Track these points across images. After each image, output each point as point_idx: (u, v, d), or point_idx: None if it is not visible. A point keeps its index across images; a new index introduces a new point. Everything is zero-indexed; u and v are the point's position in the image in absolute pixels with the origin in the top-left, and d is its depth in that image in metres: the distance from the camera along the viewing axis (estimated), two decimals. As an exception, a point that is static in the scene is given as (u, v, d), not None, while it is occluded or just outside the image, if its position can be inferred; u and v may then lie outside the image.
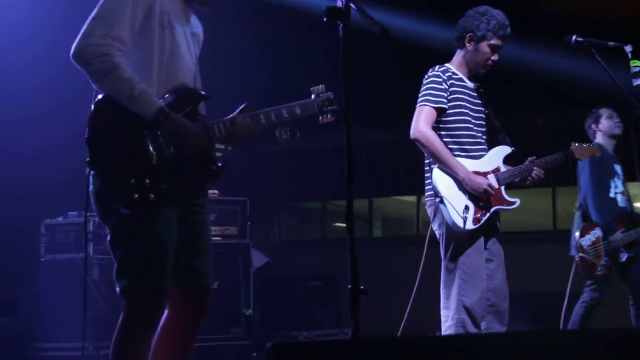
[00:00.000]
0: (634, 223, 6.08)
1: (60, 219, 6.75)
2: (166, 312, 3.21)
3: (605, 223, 5.98)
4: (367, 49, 6.81)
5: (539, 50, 7.63)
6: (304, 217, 13.16)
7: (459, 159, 4.39)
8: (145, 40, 3.06)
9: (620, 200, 6.11)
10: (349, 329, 2.56)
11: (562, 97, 8.79)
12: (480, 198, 4.36)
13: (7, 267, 6.96)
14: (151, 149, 3.01)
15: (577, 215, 6.17)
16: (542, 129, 9.35)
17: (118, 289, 3.04)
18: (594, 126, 6.26)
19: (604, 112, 6.21)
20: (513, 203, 4.49)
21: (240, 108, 3.28)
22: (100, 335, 6.05)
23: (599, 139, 6.25)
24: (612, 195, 6.09)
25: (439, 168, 4.39)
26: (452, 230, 4.36)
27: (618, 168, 6.19)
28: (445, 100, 4.42)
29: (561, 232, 10.39)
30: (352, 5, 2.58)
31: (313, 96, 3.43)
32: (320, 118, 3.44)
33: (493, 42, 4.45)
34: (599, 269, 5.92)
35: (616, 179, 6.14)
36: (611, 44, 4.17)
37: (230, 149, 3.74)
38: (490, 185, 4.34)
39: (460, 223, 4.29)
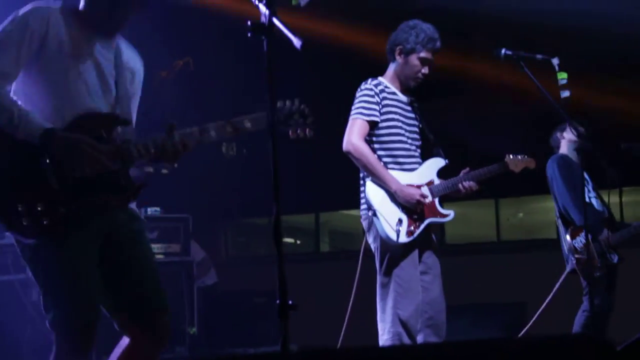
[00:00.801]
0: (614, 225, 6.10)
1: (-3, 239, 6.61)
2: (126, 341, 3.16)
3: (589, 225, 5.70)
4: (314, 63, 6.86)
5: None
6: (250, 232, 13.12)
7: (392, 172, 4.41)
8: (42, 71, 2.99)
9: (596, 204, 6.09)
10: (295, 344, 2.55)
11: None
12: (413, 210, 4.38)
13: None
14: (47, 172, 2.90)
15: (559, 223, 6.12)
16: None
17: (47, 321, 2.98)
18: (559, 134, 6.24)
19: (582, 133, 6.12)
20: (446, 215, 4.53)
21: (168, 127, 3.15)
22: (37, 358, 5.94)
23: (563, 147, 6.25)
24: (587, 200, 5.99)
25: (372, 181, 4.41)
26: (385, 243, 4.37)
27: (586, 175, 6.10)
28: (377, 113, 4.45)
29: (504, 242, 10.55)
30: (274, 20, 2.58)
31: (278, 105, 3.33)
32: (290, 132, 3.38)
33: (422, 54, 4.50)
34: (596, 270, 5.81)
35: (587, 184, 6.07)
36: (539, 56, 4.26)
37: (164, 171, 3.63)
38: (422, 196, 4.37)
39: (393, 236, 4.30)
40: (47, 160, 2.91)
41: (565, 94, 4.14)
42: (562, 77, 4.15)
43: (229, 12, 7.48)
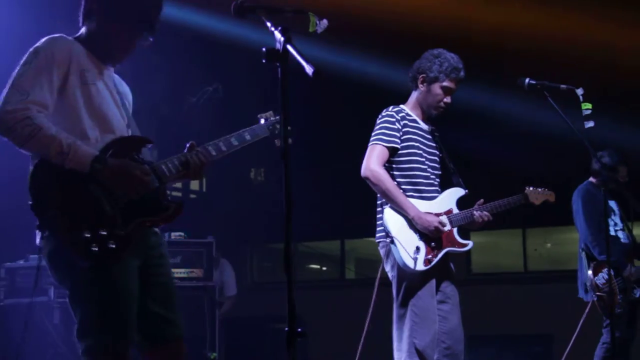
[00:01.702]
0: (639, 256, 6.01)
1: (21, 262, 6.66)
2: None
3: (614, 260, 5.75)
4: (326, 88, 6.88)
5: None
6: (276, 258, 13.11)
7: (411, 199, 4.37)
8: (69, 100, 3.04)
9: (622, 237, 6.02)
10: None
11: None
12: (431, 238, 4.34)
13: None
14: (101, 199, 2.95)
15: (582, 256, 6.01)
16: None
17: (81, 349, 2.96)
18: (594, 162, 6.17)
19: (606, 165, 5.94)
20: (465, 245, 4.47)
21: (188, 146, 3.26)
22: (57, 382, 5.96)
23: (593, 178, 6.16)
24: (612, 233, 5.98)
25: (390, 207, 4.37)
26: (403, 272, 4.32)
27: (613, 204, 6.09)
28: (397, 140, 4.42)
29: (531, 272, 10.45)
30: (289, 47, 2.58)
31: (262, 121, 3.44)
32: (276, 141, 3.43)
33: (445, 84, 4.47)
34: (617, 306, 5.73)
35: (612, 216, 6.04)
36: (563, 86, 4.22)
37: (192, 195, 3.66)
38: (441, 223, 4.33)
39: (411, 263, 4.26)
40: (99, 187, 2.95)
41: (590, 124, 4.10)
42: (587, 107, 4.11)
43: (254, 40, 7.54)
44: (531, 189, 4.78)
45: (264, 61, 2.63)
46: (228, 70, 9.49)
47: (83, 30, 3.24)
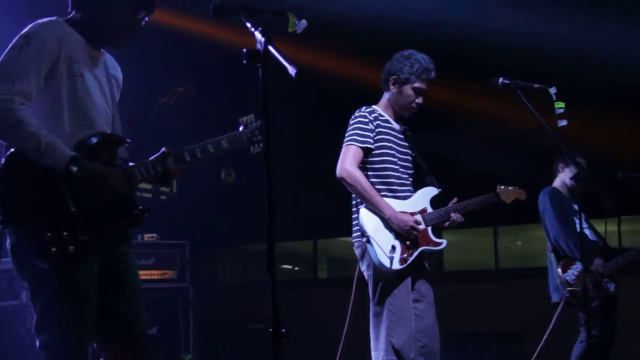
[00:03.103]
0: (609, 254, 6.08)
1: (-7, 265, 6.59)
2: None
3: (582, 256, 5.77)
4: (305, 88, 6.89)
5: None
6: (247, 259, 13.08)
7: (386, 199, 4.40)
8: (53, 90, 3.01)
9: (589, 235, 6.09)
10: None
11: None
12: (406, 237, 4.37)
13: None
14: (68, 199, 2.94)
15: (552, 257, 6.10)
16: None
17: (37, 343, 2.96)
18: (559, 165, 6.26)
19: (571, 171, 6.09)
20: (439, 244, 4.52)
21: (161, 152, 3.23)
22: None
23: (557, 181, 6.29)
24: (578, 230, 6.07)
25: (366, 207, 4.40)
26: (379, 271, 4.35)
27: (576, 206, 6.06)
28: (371, 140, 4.46)
29: (503, 270, 10.52)
30: (270, 48, 2.59)
31: (241, 127, 3.40)
32: (251, 148, 3.41)
33: (416, 85, 4.51)
34: (592, 300, 5.80)
35: (578, 217, 6.13)
36: (536, 85, 4.27)
37: (162, 197, 3.63)
38: (416, 222, 4.36)
39: (387, 262, 4.29)
40: (66, 187, 2.93)
41: (563, 123, 4.14)
42: (560, 106, 4.15)
43: (229, 41, 7.52)
44: (502, 187, 4.85)
45: (244, 62, 2.63)
46: (200, 71, 9.46)
47: (74, 14, 3.17)
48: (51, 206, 2.92)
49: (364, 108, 4.55)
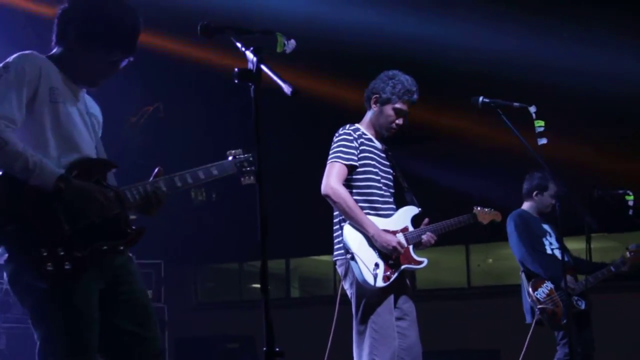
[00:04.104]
0: (581, 271, 6.12)
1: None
2: None
3: (551, 275, 5.97)
4: (277, 108, 6.90)
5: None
6: (220, 278, 13.03)
7: (369, 217, 4.39)
8: (35, 118, 2.99)
9: (559, 254, 5.98)
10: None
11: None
12: (389, 256, 4.38)
13: None
14: (61, 218, 2.91)
15: (523, 276, 6.13)
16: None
17: None
18: (535, 193, 6.27)
19: (552, 187, 6.15)
20: (421, 262, 4.52)
21: (155, 172, 3.22)
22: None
23: (526, 204, 6.33)
24: (549, 251, 6.12)
25: (349, 224, 4.41)
26: (362, 288, 4.34)
27: (546, 227, 6.23)
28: (355, 158, 4.44)
29: (475, 288, 10.60)
30: (262, 67, 2.60)
31: (230, 158, 3.41)
32: (242, 179, 3.41)
33: (397, 105, 4.51)
34: (562, 317, 5.86)
35: (548, 237, 6.18)
36: (516, 104, 4.30)
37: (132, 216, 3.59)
38: (399, 243, 4.37)
39: (371, 280, 4.26)
40: (60, 207, 2.90)
41: (543, 141, 4.18)
42: (539, 124, 4.19)
43: (201, 60, 7.52)
44: (479, 208, 4.88)
45: (236, 81, 2.63)
46: (169, 89, 9.43)
47: (56, 50, 3.18)
48: (45, 224, 2.89)
49: (347, 126, 4.54)
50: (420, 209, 4.60)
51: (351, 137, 4.47)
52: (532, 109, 4.23)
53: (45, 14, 6.98)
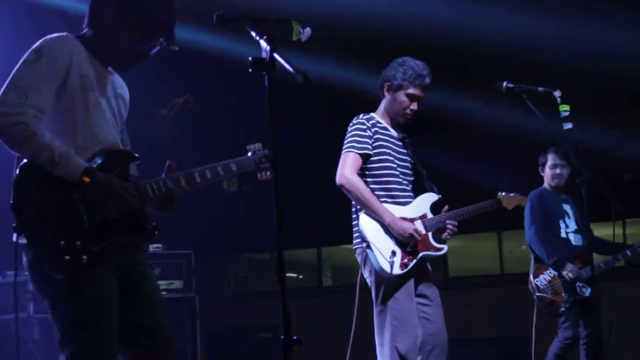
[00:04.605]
0: (602, 252, 6.15)
1: (-1, 277, 6.60)
2: None
3: (553, 261, 5.97)
4: (308, 97, 6.89)
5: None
6: (253, 268, 13.08)
7: (385, 205, 4.42)
8: (66, 104, 3.00)
9: (574, 239, 6.12)
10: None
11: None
12: (406, 243, 4.37)
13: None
14: (81, 210, 2.93)
15: (531, 258, 6.18)
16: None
17: (63, 358, 2.96)
18: (540, 168, 6.33)
19: (550, 159, 6.25)
20: (440, 249, 4.51)
21: (167, 165, 3.23)
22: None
23: (545, 182, 6.32)
24: (562, 235, 6.11)
25: (365, 213, 4.41)
26: (380, 276, 4.36)
27: (567, 207, 6.21)
28: (369, 147, 4.47)
29: (508, 275, 10.52)
30: (276, 55, 2.59)
31: (249, 153, 3.41)
32: (259, 175, 3.42)
33: (409, 91, 4.51)
34: (561, 305, 5.90)
35: (566, 219, 6.16)
36: (541, 89, 4.26)
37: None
38: (416, 230, 4.37)
39: (387, 268, 4.29)
40: (81, 199, 2.93)
41: (568, 126, 4.14)
42: (564, 109, 4.15)
43: (229, 52, 7.50)
44: (503, 194, 4.84)
45: (250, 70, 2.64)
46: (199, 81, 9.46)
47: (88, 31, 3.17)
48: (64, 216, 2.91)
49: (361, 115, 4.57)
50: (440, 195, 4.58)
51: (364, 127, 4.50)
52: (557, 94, 4.20)
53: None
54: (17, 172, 2.94)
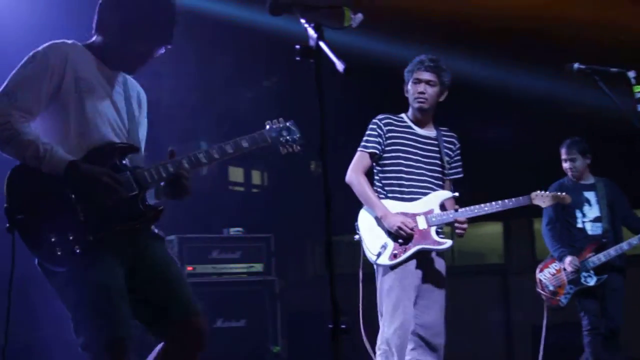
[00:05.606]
0: (634, 231, 6.12)
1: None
2: (161, 345, 3.26)
3: (557, 255, 6.11)
4: (361, 86, 6.88)
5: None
6: (338, 250, 13.10)
7: (388, 200, 4.69)
8: (60, 106, 3.11)
9: (591, 228, 6.15)
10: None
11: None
12: (398, 236, 4.58)
13: None
14: (73, 203, 3.02)
15: None
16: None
17: (79, 344, 3.06)
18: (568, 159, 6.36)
19: (561, 153, 6.33)
20: (441, 243, 4.68)
21: (169, 151, 3.30)
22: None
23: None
24: (579, 225, 6.16)
25: (365, 208, 4.73)
26: (378, 266, 4.65)
27: (590, 194, 6.21)
28: (377, 146, 4.76)
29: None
30: (322, 44, 2.59)
31: (267, 126, 3.46)
32: (282, 149, 3.48)
33: (414, 76, 4.77)
34: (560, 297, 6.02)
35: (585, 207, 6.18)
36: (613, 69, 4.13)
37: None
38: (404, 223, 4.54)
39: (373, 257, 4.60)
40: (72, 192, 3.03)
41: (643, 107, 4.00)
42: (638, 90, 4.01)
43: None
44: (539, 192, 4.88)
45: (297, 58, 2.65)
46: (285, 63, 9.50)
47: (96, 39, 3.31)
48: (55, 211, 3.02)
49: (379, 116, 4.84)
50: (455, 193, 4.79)
51: (376, 126, 4.80)
52: (631, 74, 4.06)
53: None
54: (9, 174, 3.07)
